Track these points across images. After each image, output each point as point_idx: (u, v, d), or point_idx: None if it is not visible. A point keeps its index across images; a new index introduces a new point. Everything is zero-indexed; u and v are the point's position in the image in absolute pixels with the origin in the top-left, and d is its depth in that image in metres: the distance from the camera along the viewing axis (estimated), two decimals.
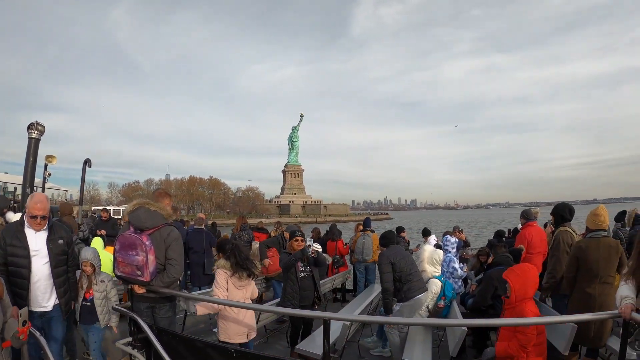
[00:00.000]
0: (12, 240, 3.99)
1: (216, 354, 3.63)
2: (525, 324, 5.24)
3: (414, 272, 5.71)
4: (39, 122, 7.23)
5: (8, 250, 3.97)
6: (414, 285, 5.62)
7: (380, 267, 5.81)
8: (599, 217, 4.94)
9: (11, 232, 4.06)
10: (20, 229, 4.07)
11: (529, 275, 3.99)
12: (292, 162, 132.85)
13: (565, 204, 6.06)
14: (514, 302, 3.99)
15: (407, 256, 5.95)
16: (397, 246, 6.02)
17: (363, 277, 9.84)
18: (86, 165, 10.14)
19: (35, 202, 4.00)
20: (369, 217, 10.51)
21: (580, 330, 4.34)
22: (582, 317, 3.97)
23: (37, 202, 4.00)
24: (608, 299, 4.59)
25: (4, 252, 3.97)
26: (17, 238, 4.01)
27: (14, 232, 4.05)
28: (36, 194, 4.04)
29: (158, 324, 4.03)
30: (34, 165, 7.26)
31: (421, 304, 5.52)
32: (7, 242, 3.98)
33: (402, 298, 5.66)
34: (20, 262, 3.99)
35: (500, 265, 5.82)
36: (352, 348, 6.14)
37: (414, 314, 5.57)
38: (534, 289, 3.99)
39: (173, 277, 4.04)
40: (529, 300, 3.93)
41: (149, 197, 4.42)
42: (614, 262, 4.77)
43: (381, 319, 5.48)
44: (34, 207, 3.98)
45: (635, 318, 2.88)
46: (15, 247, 3.99)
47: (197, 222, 9.38)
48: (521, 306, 3.91)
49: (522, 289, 3.93)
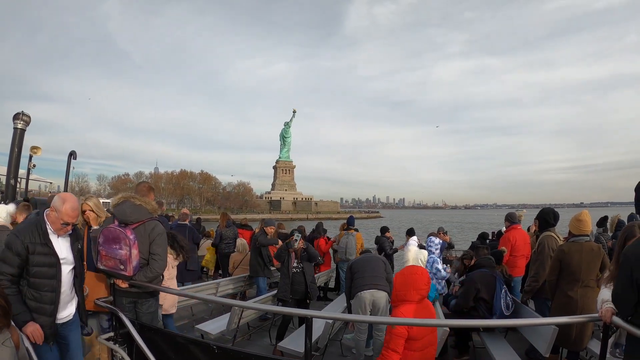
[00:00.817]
0: (37, 247, 3.33)
1: (198, 350, 3.62)
2: (516, 325, 5.34)
3: (361, 271, 5.76)
4: (25, 113, 7.13)
5: (33, 259, 3.31)
6: (357, 283, 5.68)
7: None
8: (582, 222, 5.01)
9: (35, 237, 3.35)
10: (46, 233, 3.41)
11: (414, 277, 3.77)
12: (284, 158, 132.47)
13: (550, 209, 6.17)
14: (393, 300, 3.88)
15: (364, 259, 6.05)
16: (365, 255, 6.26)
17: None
18: (71, 157, 10.00)
19: (70, 208, 3.40)
20: (352, 216, 10.41)
21: (561, 332, 4.43)
22: (562, 319, 3.99)
23: (73, 208, 3.43)
24: (590, 302, 4.67)
25: (22, 262, 3.29)
26: (45, 245, 3.37)
27: (38, 237, 3.36)
28: (68, 197, 3.44)
29: (140, 319, 4.00)
30: (18, 156, 7.16)
31: (362, 300, 5.54)
32: (32, 250, 3.30)
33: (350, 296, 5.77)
34: (48, 273, 3.38)
35: (482, 267, 5.85)
36: (334, 346, 6.15)
37: (357, 310, 5.59)
38: (420, 294, 3.74)
39: (156, 272, 4.02)
40: (409, 303, 3.68)
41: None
42: (596, 266, 4.86)
43: (364, 318, 5.51)
44: (69, 214, 3.40)
45: (616, 322, 2.90)
46: (43, 256, 3.36)
47: (181, 218, 9.34)
48: (397, 307, 3.75)
49: (402, 290, 3.74)
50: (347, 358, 5.96)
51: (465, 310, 5.74)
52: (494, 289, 5.64)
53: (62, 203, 3.38)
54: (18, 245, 3.26)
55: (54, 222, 3.40)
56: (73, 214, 3.42)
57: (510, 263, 6.84)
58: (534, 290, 5.72)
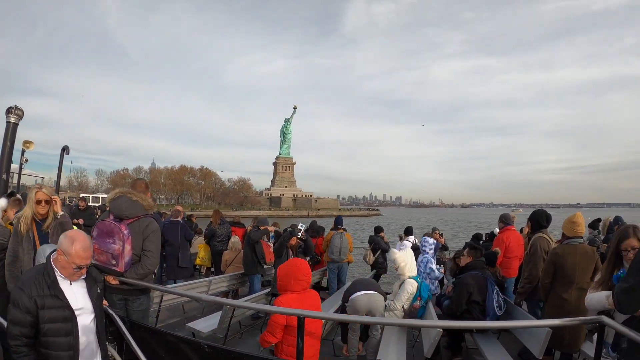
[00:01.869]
0: (46, 300, 2.81)
1: (188, 348, 3.58)
2: (510, 326, 5.30)
3: (355, 282, 5.91)
4: (18, 107, 7.07)
5: (43, 315, 2.78)
6: (352, 288, 5.75)
7: None
8: (576, 224, 4.98)
9: (42, 288, 2.83)
10: (55, 282, 2.88)
11: (294, 269, 3.90)
12: (284, 155, 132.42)
13: (542, 210, 6.17)
14: (278, 290, 3.99)
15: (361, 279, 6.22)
16: None
17: (335, 278, 9.44)
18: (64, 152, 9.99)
19: (81, 248, 2.87)
20: (340, 216, 10.17)
21: (555, 334, 4.37)
22: (557, 321, 3.95)
23: (85, 248, 2.89)
24: (584, 305, 4.58)
25: (34, 320, 2.78)
26: (55, 297, 2.85)
27: (46, 288, 2.84)
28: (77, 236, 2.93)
29: (131, 316, 3.98)
30: (10, 150, 7.10)
31: (356, 304, 5.54)
32: (41, 304, 2.78)
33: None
34: (62, 329, 2.87)
35: (474, 269, 5.81)
36: (326, 346, 6.09)
37: (352, 312, 5.60)
38: (301, 285, 3.87)
39: (148, 269, 4.01)
40: (291, 292, 3.83)
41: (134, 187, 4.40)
42: (590, 268, 4.81)
43: (357, 319, 5.47)
44: (81, 256, 2.87)
45: (609, 323, 2.92)
46: (54, 310, 2.83)
47: (173, 215, 9.26)
48: (280, 296, 3.89)
49: (285, 281, 3.89)
50: (340, 358, 5.92)
51: (458, 313, 5.71)
52: (485, 291, 5.60)
53: (70, 244, 2.85)
54: (25, 300, 2.75)
55: (64, 267, 2.89)
56: (86, 254, 2.89)
57: (504, 264, 6.81)
58: (527, 292, 5.70)
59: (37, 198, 4.04)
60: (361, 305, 5.48)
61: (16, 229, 4.03)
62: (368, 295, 5.50)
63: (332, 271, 9.36)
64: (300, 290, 3.84)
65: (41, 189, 4.13)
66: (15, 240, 4.04)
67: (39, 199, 4.05)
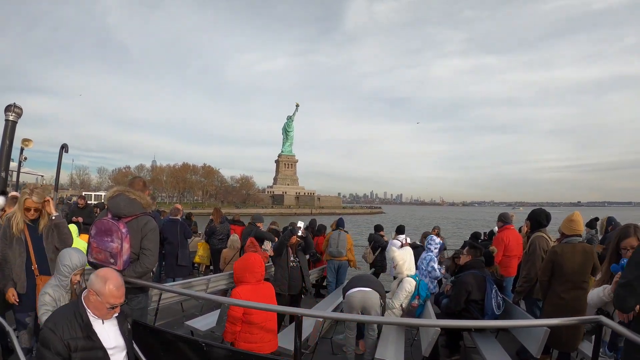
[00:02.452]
0: (79, 342, 2.72)
1: (187, 347, 3.62)
2: (509, 326, 5.30)
3: (355, 280, 5.87)
4: (17, 105, 7.08)
5: (75, 357, 2.69)
6: (347, 285, 5.79)
7: None
8: (575, 222, 4.99)
9: (75, 330, 2.73)
10: (88, 324, 2.79)
11: (249, 263, 4.32)
12: (286, 152, 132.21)
13: (541, 209, 6.16)
14: (235, 282, 4.41)
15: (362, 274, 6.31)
16: None
17: (334, 277, 9.32)
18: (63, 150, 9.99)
19: (115, 287, 2.78)
20: (342, 218, 10.11)
21: (553, 333, 4.36)
22: (555, 321, 3.95)
23: (118, 286, 2.80)
24: (581, 304, 4.63)
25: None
26: (88, 338, 2.75)
27: (79, 330, 2.74)
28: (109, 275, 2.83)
29: (129, 315, 3.97)
30: (9, 148, 7.12)
31: (353, 300, 5.53)
32: (73, 347, 2.68)
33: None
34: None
35: (472, 268, 5.80)
36: (324, 345, 6.10)
37: (348, 310, 5.64)
38: (254, 277, 4.28)
39: (146, 268, 4.00)
40: (246, 284, 4.24)
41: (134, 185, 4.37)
42: (588, 267, 4.83)
43: (353, 317, 5.47)
44: (115, 295, 2.79)
45: (607, 323, 2.95)
46: (87, 352, 2.74)
47: (172, 213, 9.24)
48: (236, 287, 4.33)
49: (240, 273, 4.30)
50: (338, 356, 5.91)
51: (456, 311, 5.70)
52: (484, 290, 5.59)
53: (103, 283, 2.76)
54: (57, 343, 2.65)
55: (97, 307, 2.80)
56: (119, 293, 2.81)
57: (503, 263, 6.80)
58: (526, 291, 5.69)
59: (26, 206, 3.92)
60: (355, 302, 5.48)
61: (5, 230, 3.91)
62: (362, 292, 5.48)
63: (331, 270, 9.32)
64: (254, 282, 4.27)
65: (31, 196, 3.92)
66: (3, 242, 3.93)
67: (28, 207, 3.93)
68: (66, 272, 3.43)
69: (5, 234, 3.92)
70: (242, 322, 4.14)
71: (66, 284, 3.46)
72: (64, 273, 3.43)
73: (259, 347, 4.12)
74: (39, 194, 3.99)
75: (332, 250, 9.25)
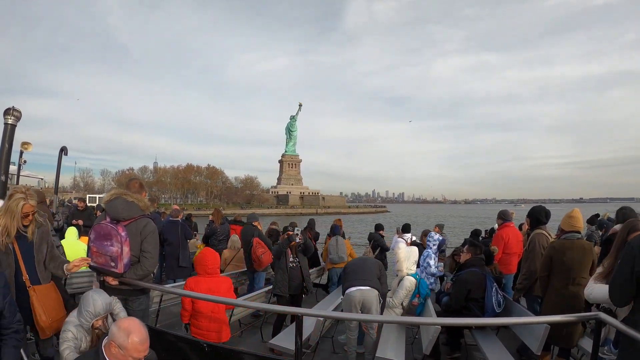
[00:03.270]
0: None
1: (188, 348, 3.65)
2: (509, 323, 5.30)
3: (353, 271, 5.81)
4: (16, 108, 7.01)
5: None
6: (348, 278, 5.74)
7: None
8: (574, 219, 4.97)
9: None
10: None
11: (203, 258, 4.70)
12: (290, 152, 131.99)
13: (541, 207, 6.16)
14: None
15: (360, 259, 6.26)
16: None
17: (335, 286, 9.08)
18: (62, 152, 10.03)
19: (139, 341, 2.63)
20: (336, 225, 9.93)
21: (552, 330, 4.39)
22: (555, 318, 3.94)
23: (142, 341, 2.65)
24: (580, 300, 4.65)
25: None
26: None
27: None
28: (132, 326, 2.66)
29: (131, 316, 3.97)
30: (9, 152, 7.09)
31: (352, 299, 5.48)
32: None
33: None
34: None
35: (472, 266, 5.79)
36: (325, 344, 6.11)
37: (347, 308, 5.60)
38: (205, 270, 4.66)
39: (147, 270, 3.99)
40: (202, 276, 4.66)
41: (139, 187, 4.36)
42: (587, 264, 4.80)
43: (353, 316, 5.48)
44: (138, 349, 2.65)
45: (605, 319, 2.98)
46: None
47: (172, 214, 9.24)
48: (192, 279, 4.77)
49: (199, 266, 4.71)
50: (339, 355, 5.92)
51: (457, 309, 5.69)
52: (484, 288, 5.59)
53: (126, 336, 2.61)
54: None
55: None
56: (144, 347, 2.66)
57: (503, 261, 6.78)
58: (526, 288, 5.69)
59: (25, 211, 3.44)
60: (355, 300, 5.46)
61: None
62: (361, 291, 5.47)
63: (335, 276, 9.22)
64: (204, 274, 4.66)
65: (28, 200, 3.45)
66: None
67: (27, 213, 3.48)
68: (88, 317, 3.23)
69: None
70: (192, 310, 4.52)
71: (87, 327, 3.27)
72: (86, 318, 3.23)
73: (206, 334, 4.48)
74: (34, 195, 3.57)
75: (332, 257, 9.21)
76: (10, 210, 3.40)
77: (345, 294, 5.58)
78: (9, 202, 3.43)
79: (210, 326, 4.56)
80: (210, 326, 4.56)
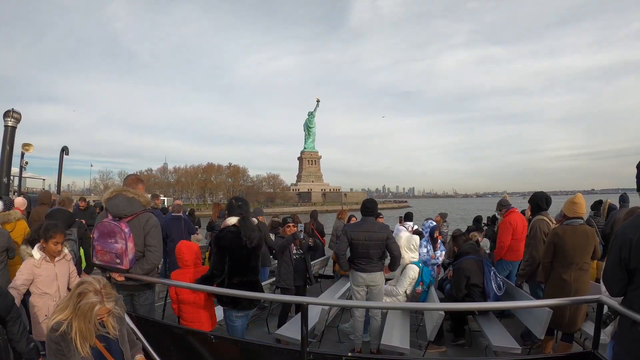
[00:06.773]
0: None
1: (195, 340, 3.69)
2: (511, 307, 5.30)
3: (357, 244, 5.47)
4: (15, 110, 7.09)
5: None
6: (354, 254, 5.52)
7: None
8: (577, 205, 4.92)
9: None
10: None
11: (179, 251, 4.58)
12: (309, 149, 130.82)
13: (542, 193, 6.13)
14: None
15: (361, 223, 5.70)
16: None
17: None
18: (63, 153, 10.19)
19: None
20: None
21: (555, 315, 4.41)
22: (557, 301, 4.01)
23: None
24: (583, 285, 4.69)
25: None
26: None
27: None
28: None
29: (137, 311, 4.07)
30: (10, 153, 7.22)
31: (358, 279, 5.44)
32: None
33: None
34: None
35: (468, 254, 5.82)
36: (331, 333, 6.14)
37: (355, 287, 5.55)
38: (181, 262, 4.57)
39: (152, 264, 4.07)
40: (189, 267, 4.56)
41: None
42: (589, 249, 4.78)
43: (361, 304, 5.52)
44: None
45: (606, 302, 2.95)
46: None
47: (175, 210, 9.25)
48: (177, 270, 4.69)
49: (177, 260, 4.62)
50: (345, 344, 5.94)
51: (459, 297, 5.68)
52: (483, 274, 5.59)
53: None
54: None
55: None
56: None
57: (513, 247, 6.64)
58: (528, 274, 5.68)
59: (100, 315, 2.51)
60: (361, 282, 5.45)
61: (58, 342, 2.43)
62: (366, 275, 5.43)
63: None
64: (182, 265, 4.59)
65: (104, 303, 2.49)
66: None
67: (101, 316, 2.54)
68: None
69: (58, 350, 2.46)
70: (178, 301, 4.42)
71: None
72: None
73: (197, 325, 4.32)
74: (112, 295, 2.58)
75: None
76: (82, 313, 2.44)
77: (353, 272, 5.59)
78: (79, 301, 2.46)
79: (201, 314, 4.43)
80: (198, 315, 4.42)
